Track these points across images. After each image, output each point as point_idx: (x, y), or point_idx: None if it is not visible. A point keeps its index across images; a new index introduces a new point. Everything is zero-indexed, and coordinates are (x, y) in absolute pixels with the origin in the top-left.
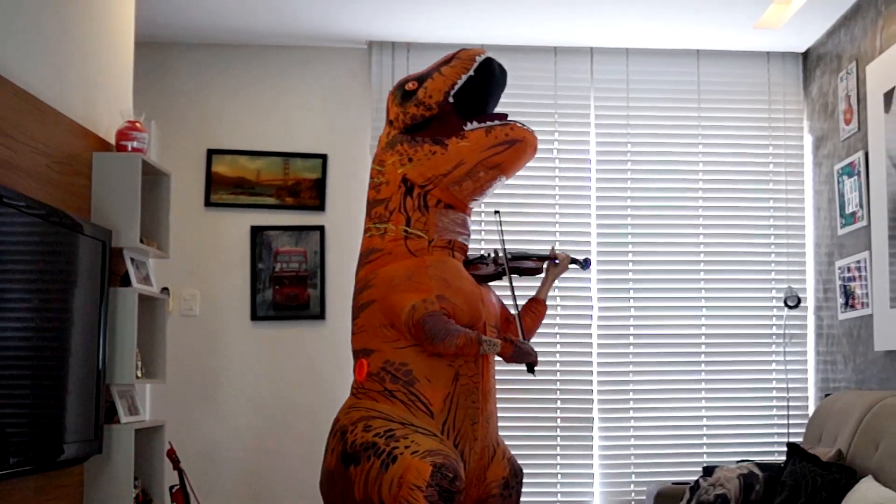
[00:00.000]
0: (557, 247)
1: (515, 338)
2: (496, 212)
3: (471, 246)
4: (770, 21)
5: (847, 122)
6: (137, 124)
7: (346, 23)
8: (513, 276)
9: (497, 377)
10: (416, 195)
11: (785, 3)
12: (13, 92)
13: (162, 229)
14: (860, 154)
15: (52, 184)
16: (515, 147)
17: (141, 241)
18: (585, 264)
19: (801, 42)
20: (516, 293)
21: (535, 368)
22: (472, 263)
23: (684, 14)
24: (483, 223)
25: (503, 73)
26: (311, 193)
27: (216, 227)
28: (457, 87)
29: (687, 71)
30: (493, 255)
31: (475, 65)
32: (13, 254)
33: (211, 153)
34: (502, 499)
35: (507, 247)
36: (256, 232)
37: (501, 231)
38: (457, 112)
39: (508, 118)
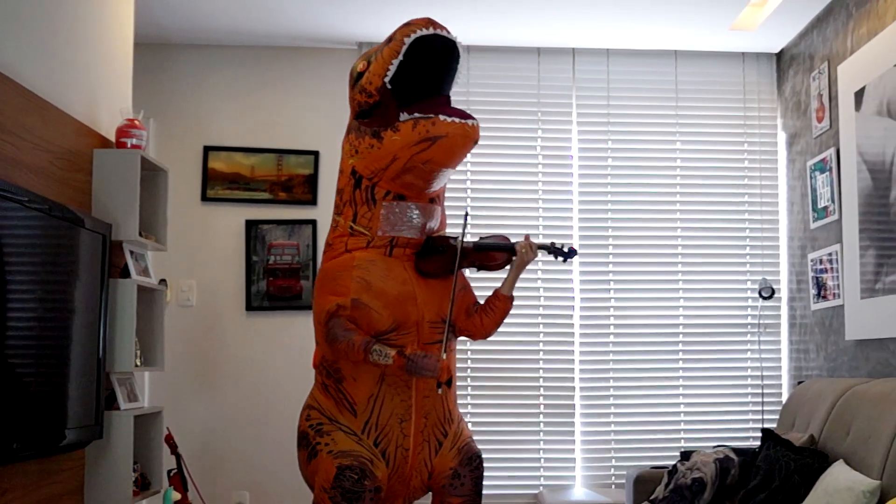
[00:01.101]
0: (541, 239)
1: (413, 351)
2: (465, 213)
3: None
4: (745, 23)
5: (819, 120)
6: (136, 122)
7: (336, 24)
8: (476, 269)
9: (481, 366)
10: (364, 187)
11: (759, 5)
12: (17, 91)
13: (160, 223)
14: (832, 151)
15: (55, 179)
16: (439, 143)
17: (140, 235)
18: (569, 254)
19: (775, 43)
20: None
21: (445, 384)
22: (428, 257)
23: (662, 16)
24: (452, 211)
25: (447, 46)
26: (304, 189)
27: (212, 220)
28: (390, 74)
29: (665, 71)
30: (444, 247)
31: (405, 47)
32: (17, 247)
33: (207, 150)
34: (453, 488)
35: (478, 237)
36: (251, 226)
37: (463, 232)
38: (396, 98)
39: (446, 104)
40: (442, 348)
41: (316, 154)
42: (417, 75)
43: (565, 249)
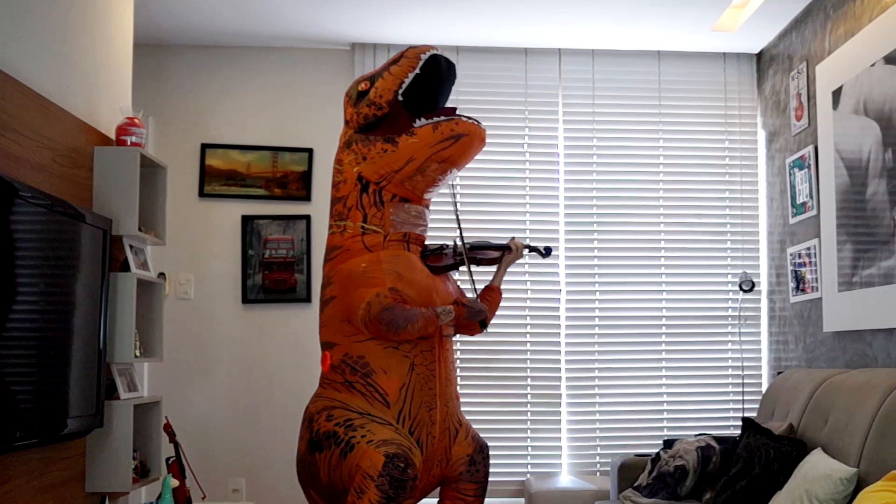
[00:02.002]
0: (529, 234)
1: (465, 298)
2: (452, 185)
3: (434, 235)
4: (726, 24)
5: (798, 119)
6: (136, 120)
7: (330, 26)
8: (472, 265)
9: (471, 357)
10: (371, 192)
11: (740, 7)
12: (21, 91)
13: (159, 218)
14: (810, 148)
15: (57, 176)
16: (461, 141)
17: (139, 230)
18: (546, 252)
19: (755, 44)
20: (476, 280)
21: (486, 326)
22: (431, 254)
23: (646, 17)
24: (442, 214)
25: (450, 67)
26: (298, 185)
27: (209, 216)
28: (404, 86)
29: (649, 70)
30: (452, 245)
31: (421, 63)
32: (20, 241)
33: (204, 147)
34: (469, 474)
35: (467, 237)
36: (247, 221)
37: (458, 218)
38: (407, 109)
39: (456, 112)
40: (476, 294)
41: (310, 151)
42: (425, 89)
43: (542, 248)
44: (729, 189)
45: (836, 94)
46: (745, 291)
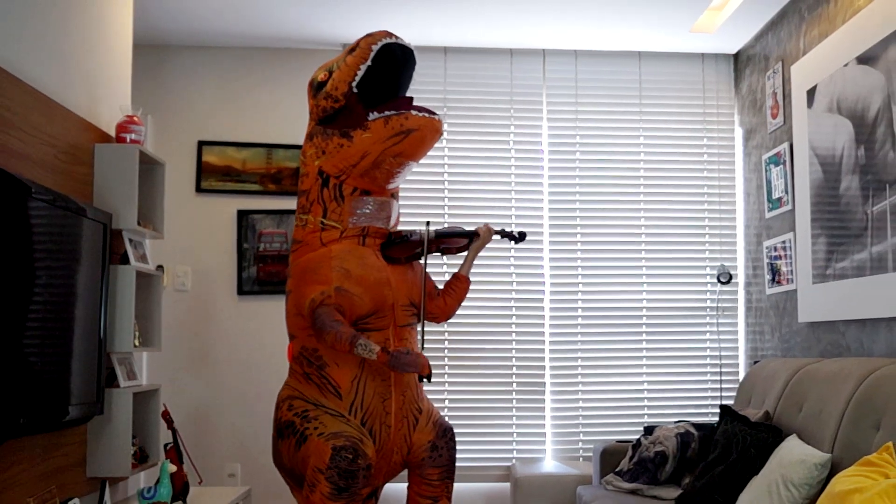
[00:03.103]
0: (514, 227)
1: (397, 349)
2: (427, 223)
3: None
4: (704, 26)
5: (774, 117)
6: (135, 118)
7: (321, 27)
8: (440, 254)
9: (458, 346)
10: (331, 186)
11: (718, 9)
12: (24, 90)
13: (157, 213)
14: (786, 145)
15: (59, 172)
16: (412, 136)
17: (138, 224)
18: (519, 237)
19: (733, 44)
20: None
21: (427, 378)
22: (394, 244)
23: (627, 19)
24: (427, 201)
25: (406, 55)
26: (292, 180)
27: (206, 210)
28: (357, 78)
29: (630, 70)
30: (419, 232)
31: (372, 54)
32: (23, 234)
33: (201, 144)
34: (432, 460)
35: (434, 226)
36: (242, 215)
37: (429, 228)
38: (363, 100)
39: (412, 103)
40: (420, 344)
41: (303, 148)
42: (381, 79)
43: (516, 234)
44: (707, 184)
45: (811, 93)
46: (722, 283)
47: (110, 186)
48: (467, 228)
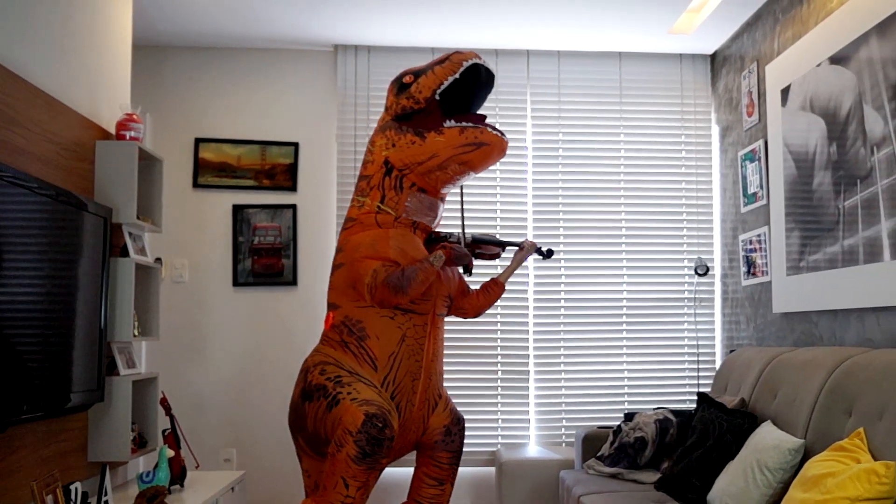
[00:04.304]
0: (499, 222)
1: (454, 245)
2: (462, 226)
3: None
4: (682, 27)
5: (749, 115)
6: (134, 116)
7: (314, 29)
8: (476, 257)
9: (447, 336)
10: (393, 176)
11: (695, 11)
12: (27, 89)
13: (156, 207)
14: (760, 142)
15: (61, 168)
16: (482, 149)
17: (137, 218)
18: (547, 254)
19: (709, 45)
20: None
21: (471, 270)
22: (436, 242)
23: (608, 21)
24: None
25: (489, 76)
26: (285, 176)
27: (202, 205)
28: (443, 87)
29: (610, 70)
30: (456, 235)
31: (462, 69)
32: (27, 228)
33: (198, 141)
34: (445, 444)
35: (475, 231)
36: (237, 210)
37: (463, 213)
38: (441, 108)
39: (485, 121)
40: (463, 241)
41: (296, 145)
42: (462, 93)
43: (544, 251)
44: (685, 180)
45: (785, 93)
46: (699, 275)
47: (111, 182)
48: (504, 239)
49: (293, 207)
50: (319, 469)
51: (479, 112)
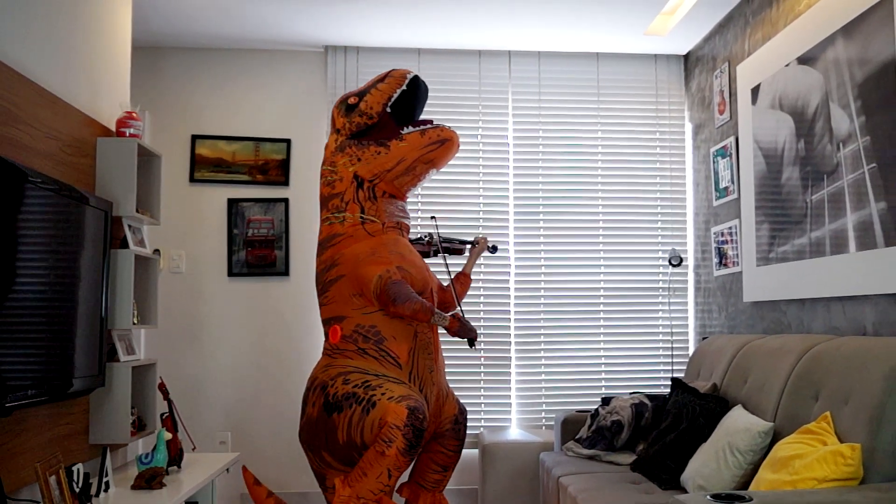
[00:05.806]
0: (482, 216)
1: (462, 316)
2: (432, 217)
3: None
4: (657, 29)
5: (721, 113)
6: (134, 114)
7: (306, 30)
8: (450, 254)
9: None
10: (366, 188)
11: (669, 13)
12: (31, 87)
13: (154, 201)
14: (732, 139)
15: (63, 163)
16: (445, 145)
17: (137, 211)
18: (492, 250)
19: (683, 46)
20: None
21: (475, 344)
22: (412, 242)
23: (586, 23)
24: (419, 215)
25: (426, 87)
26: (278, 171)
27: (199, 199)
28: (393, 99)
29: (588, 70)
30: (427, 237)
31: (406, 81)
32: (31, 221)
33: (194, 138)
34: (454, 432)
35: (441, 232)
36: (232, 203)
37: (437, 230)
38: (393, 119)
39: (434, 122)
40: (455, 302)
41: (288, 142)
42: (408, 103)
43: (490, 246)
44: (660, 175)
45: (755, 91)
46: (673, 266)
47: (111, 177)
48: (464, 238)
49: (285, 201)
50: None
51: (422, 118)
